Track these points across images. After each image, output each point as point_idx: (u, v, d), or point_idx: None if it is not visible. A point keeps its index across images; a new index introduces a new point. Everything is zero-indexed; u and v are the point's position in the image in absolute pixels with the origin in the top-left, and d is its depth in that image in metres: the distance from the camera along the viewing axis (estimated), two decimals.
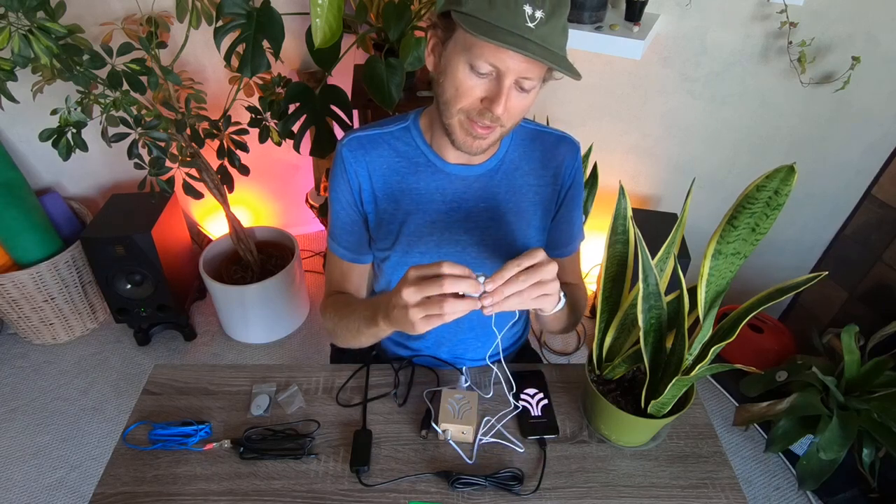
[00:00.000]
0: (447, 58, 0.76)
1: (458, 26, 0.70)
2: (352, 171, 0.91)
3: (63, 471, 1.67)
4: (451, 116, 0.78)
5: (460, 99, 0.75)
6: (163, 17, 1.64)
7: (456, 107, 0.76)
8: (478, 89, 0.74)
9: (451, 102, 0.77)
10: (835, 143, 1.67)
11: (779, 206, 0.64)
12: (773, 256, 1.94)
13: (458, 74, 0.74)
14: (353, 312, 0.88)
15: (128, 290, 1.89)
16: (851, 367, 1.44)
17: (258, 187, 2.33)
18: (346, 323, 0.89)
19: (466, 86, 0.74)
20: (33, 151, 1.97)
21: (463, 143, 0.80)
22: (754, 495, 1.64)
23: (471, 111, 0.76)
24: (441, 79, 0.78)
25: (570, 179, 0.96)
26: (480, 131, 0.78)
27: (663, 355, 0.79)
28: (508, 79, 0.72)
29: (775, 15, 1.51)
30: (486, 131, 0.78)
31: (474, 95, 0.75)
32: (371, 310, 0.81)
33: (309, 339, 2.12)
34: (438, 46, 0.78)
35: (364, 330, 0.84)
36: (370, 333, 0.84)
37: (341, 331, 0.92)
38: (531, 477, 0.83)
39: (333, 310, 0.95)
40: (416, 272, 0.70)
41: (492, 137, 0.80)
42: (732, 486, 0.83)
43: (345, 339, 0.93)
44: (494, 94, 0.73)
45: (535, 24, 0.68)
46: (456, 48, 0.74)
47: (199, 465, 0.84)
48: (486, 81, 0.73)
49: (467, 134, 0.79)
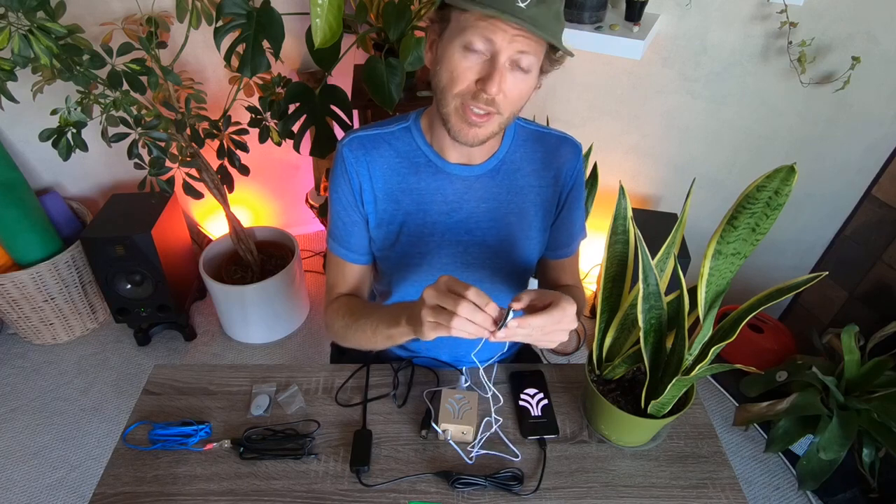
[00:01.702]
0: (443, 47, 0.76)
1: (452, 9, 0.73)
2: (353, 172, 0.90)
3: (63, 471, 1.67)
4: (447, 104, 0.78)
5: (455, 83, 0.75)
6: (163, 17, 1.64)
7: (452, 92, 0.76)
8: (472, 71, 0.74)
9: (447, 88, 0.77)
10: (835, 143, 1.67)
11: (779, 207, 0.64)
12: (773, 256, 1.94)
13: (454, 58, 0.74)
14: (372, 314, 0.88)
15: (128, 290, 1.89)
16: (851, 367, 1.44)
17: (258, 187, 2.33)
18: (363, 324, 0.88)
19: (461, 68, 0.74)
20: (33, 151, 1.97)
21: (459, 131, 0.79)
22: (754, 495, 1.64)
23: (466, 95, 0.76)
24: (437, 69, 0.78)
25: (571, 181, 0.96)
26: (476, 118, 0.77)
27: (663, 355, 0.79)
28: (503, 56, 0.72)
29: (775, 15, 1.51)
30: (482, 118, 0.77)
31: (469, 78, 0.75)
32: (398, 309, 0.82)
33: (309, 339, 2.12)
34: (436, 41, 0.79)
35: (382, 330, 0.84)
36: (386, 335, 0.84)
37: (353, 333, 0.91)
38: (531, 477, 0.83)
39: (346, 311, 0.94)
40: (447, 281, 0.70)
41: (489, 126, 0.79)
42: (732, 486, 0.83)
43: (355, 341, 0.92)
44: (489, 73, 0.73)
45: (525, 3, 0.69)
46: (451, 35, 0.75)
47: (199, 465, 0.84)
48: (481, 62, 0.74)
49: (463, 121, 0.78)
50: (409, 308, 0.78)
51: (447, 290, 0.70)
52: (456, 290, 0.69)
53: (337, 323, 0.95)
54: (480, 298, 0.68)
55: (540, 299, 0.73)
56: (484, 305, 0.68)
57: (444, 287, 0.70)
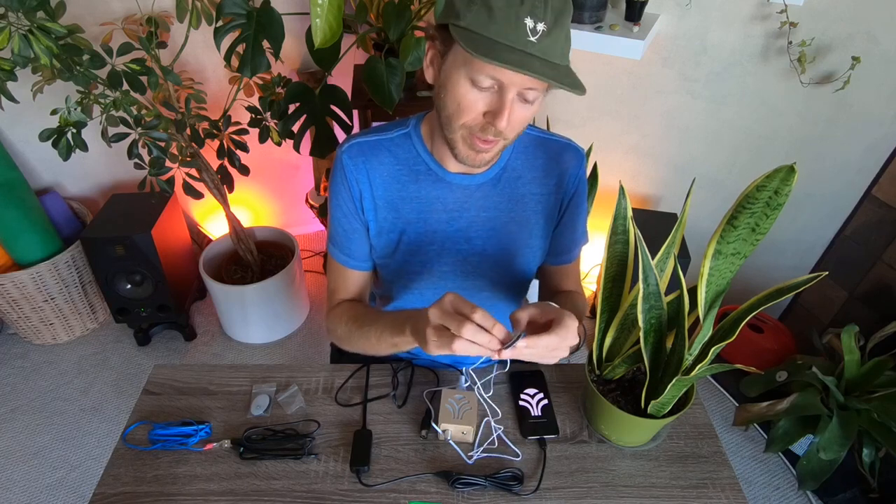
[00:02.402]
0: (447, 72, 0.74)
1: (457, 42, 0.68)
2: (352, 179, 0.89)
3: (63, 471, 1.67)
4: (454, 132, 0.77)
5: (462, 114, 0.74)
6: (163, 17, 1.64)
7: (458, 122, 0.75)
8: (480, 103, 0.73)
9: (454, 118, 0.75)
10: (835, 143, 1.67)
11: (779, 206, 0.64)
12: (773, 256, 1.94)
13: (460, 89, 0.72)
14: (377, 321, 0.87)
15: (128, 290, 1.89)
16: (851, 367, 1.44)
17: (258, 187, 2.33)
18: (367, 331, 0.88)
19: (468, 100, 0.73)
20: (33, 151, 1.97)
21: (466, 157, 0.79)
22: (754, 495, 1.64)
23: (473, 126, 0.75)
24: (442, 93, 0.76)
25: (573, 188, 0.95)
26: (482, 145, 0.77)
27: (663, 355, 0.79)
28: (511, 92, 0.70)
29: (775, 15, 1.51)
30: (488, 145, 0.77)
31: (477, 110, 0.73)
32: (402, 317, 0.81)
33: (309, 339, 2.12)
34: (437, 59, 0.76)
35: (387, 338, 0.83)
36: (391, 343, 0.83)
37: (357, 339, 0.91)
38: (531, 477, 0.83)
39: (349, 318, 0.93)
40: (452, 300, 0.70)
41: (494, 150, 0.79)
42: (732, 486, 0.83)
43: (359, 347, 0.92)
44: (497, 109, 0.71)
45: (536, 37, 0.65)
46: (456, 62, 0.72)
47: (199, 465, 0.84)
48: (488, 95, 0.72)
49: (470, 148, 0.78)
50: (413, 318, 0.77)
51: (453, 310, 0.69)
52: (462, 311, 0.68)
53: (340, 329, 0.94)
54: (486, 321, 0.67)
55: (541, 315, 0.73)
56: (490, 328, 0.67)
57: (450, 307, 0.69)
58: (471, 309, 0.68)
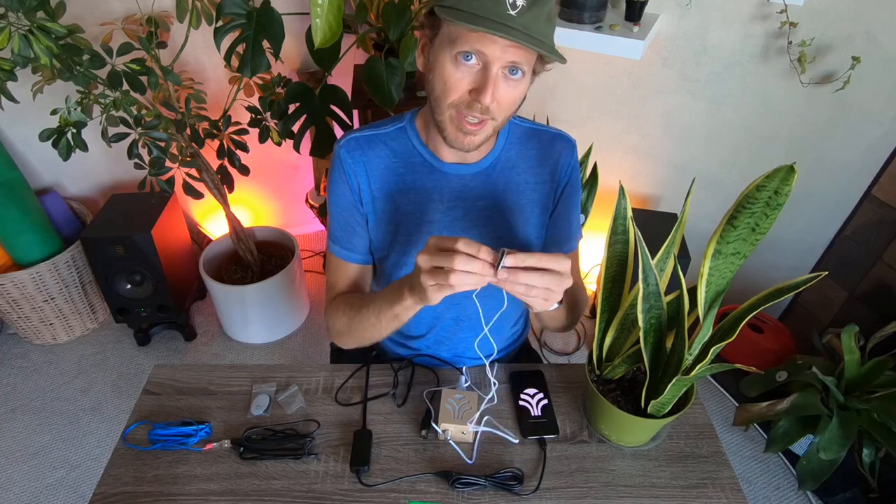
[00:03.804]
0: (434, 54, 0.77)
1: (442, 19, 0.72)
2: (350, 173, 0.91)
3: (63, 471, 1.67)
4: (442, 113, 0.78)
5: (449, 93, 0.76)
6: (163, 17, 1.64)
7: (446, 101, 0.77)
8: (465, 81, 0.74)
9: (441, 98, 0.77)
10: (835, 143, 1.67)
11: (779, 206, 0.64)
12: (773, 256, 1.94)
13: (446, 68, 0.74)
14: (373, 300, 0.87)
15: (128, 290, 1.89)
16: (851, 367, 1.44)
17: (258, 187, 2.33)
18: (365, 312, 0.88)
19: (454, 78, 0.74)
20: (33, 151, 1.97)
21: (454, 139, 0.80)
22: (754, 495, 1.64)
23: (460, 104, 0.76)
24: (430, 76, 0.79)
25: (566, 176, 0.97)
26: (470, 127, 0.78)
27: (663, 355, 0.79)
28: (495, 66, 0.72)
29: (775, 15, 1.51)
30: (476, 127, 0.78)
31: (462, 88, 0.75)
32: (396, 285, 0.81)
33: (309, 339, 2.12)
34: (427, 46, 0.79)
35: (386, 311, 0.83)
36: (391, 315, 0.82)
37: (357, 324, 0.90)
38: (531, 477, 0.83)
39: (346, 306, 0.93)
40: (435, 241, 0.70)
41: (483, 132, 0.79)
42: (732, 486, 0.83)
43: (360, 333, 0.91)
44: (482, 84, 0.73)
45: (516, 11, 0.68)
46: (442, 43, 0.75)
47: (199, 465, 0.84)
48: (474, 72, 0.74)
49: (458, 130, 0.79)
50: (407, 281, 0.78)
51: (437, 249, 0.69)
52: (446, 246, 0.69)
53: (339, 321, 0.94)
54: (471, 247, 0.68)
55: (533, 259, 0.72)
56: (476, 252, 0.68)
57: (434, 247, 0.70)
58: (453, 241, 0.68)
